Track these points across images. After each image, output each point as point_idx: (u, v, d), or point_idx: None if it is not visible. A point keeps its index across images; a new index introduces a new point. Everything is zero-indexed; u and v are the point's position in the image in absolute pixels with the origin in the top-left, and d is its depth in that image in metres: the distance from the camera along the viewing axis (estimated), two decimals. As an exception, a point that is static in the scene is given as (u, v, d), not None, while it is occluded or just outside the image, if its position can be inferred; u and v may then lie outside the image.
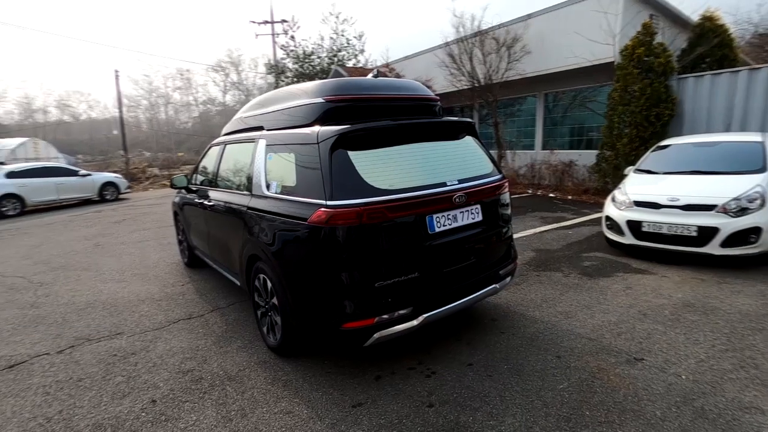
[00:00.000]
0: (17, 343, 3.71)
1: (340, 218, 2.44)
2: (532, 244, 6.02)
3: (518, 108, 12.94)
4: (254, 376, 2.95)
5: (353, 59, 19.16)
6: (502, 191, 3.26)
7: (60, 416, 2.62)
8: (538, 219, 7.63)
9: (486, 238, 3.08)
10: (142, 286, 5.08)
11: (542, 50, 10.59)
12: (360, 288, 2.53)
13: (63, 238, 8.30)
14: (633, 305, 3.74)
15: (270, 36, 24.87)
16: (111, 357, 3.36)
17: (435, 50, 13.08)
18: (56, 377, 3.10)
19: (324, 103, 2.94)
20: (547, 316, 3.63)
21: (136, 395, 2.80)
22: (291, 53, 18.94)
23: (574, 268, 4.86)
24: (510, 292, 4.21)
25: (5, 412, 2.70)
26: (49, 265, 6.28)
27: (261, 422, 2.43)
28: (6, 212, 11.48)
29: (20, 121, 60.18)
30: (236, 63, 61.27)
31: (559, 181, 10.79)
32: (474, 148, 3.29)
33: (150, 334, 3.73)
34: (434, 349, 3.15)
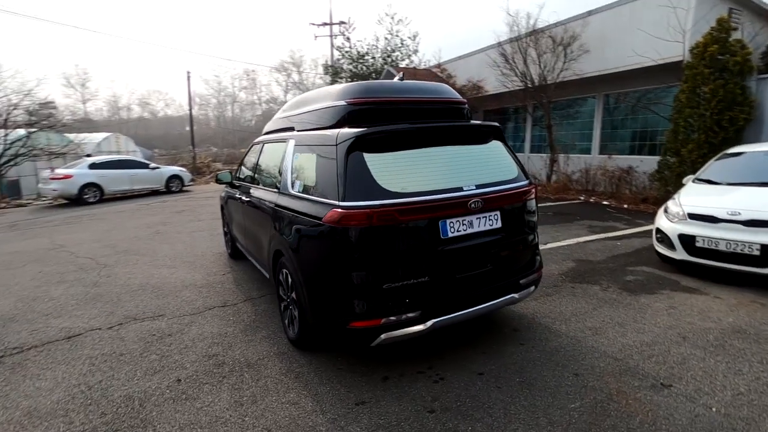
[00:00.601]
0: (77, 317, 4.16)
1: (351, 219, 2.50)
2: (574, 254, 5.72)
3: (575, 110, 12.29)
4: (271, 366, 3.09)
5: (406, 59, 19.18)
6: (526, 198, 3.15)
7: (99, 386, 2.91)
8: (586, 228, 7.23)
9: (505, 246, 2.99)
10: (188, 273, 5.48)
11: (602, 49, 9.99)
12: (368, 288, 2.57)
13: (130, 225, 9.14)
14: (673, 327, 3.46)
15: (328, 37, 25.61)
16: (150, 336, 3.67)
17: (487, 50, 12.78)
18: (102, 350, 3.44)
19: (346, 105, 3.01)
20: (574, 330, 3.45)
21: (165, 373, 3.04)
22: (346, 54, 19.33)
23: (614, 282, 4.57)
24: (539, 303, 4.05)
25: (57, 377, 3.05)
26: (114, 249, 6.95)
27: (268, 410, 2.56)
28: (87, 199, 12.82)
29: (108, 118, 66.70)
30: (298, 64, 63.73)
31: (615, 188, 10.14)
32: (499, 152, 3.21)
33: (187, 318, 4.03)
34: (447, 354, 3.12)
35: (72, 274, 5.60)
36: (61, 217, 10.78)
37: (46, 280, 5.37)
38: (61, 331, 3.86)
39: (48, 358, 3.34)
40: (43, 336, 3.76)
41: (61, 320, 4.10)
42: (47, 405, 2.71)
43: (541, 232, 6.90)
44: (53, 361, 3.30)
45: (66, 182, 12.50)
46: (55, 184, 12.50)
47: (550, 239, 6.49)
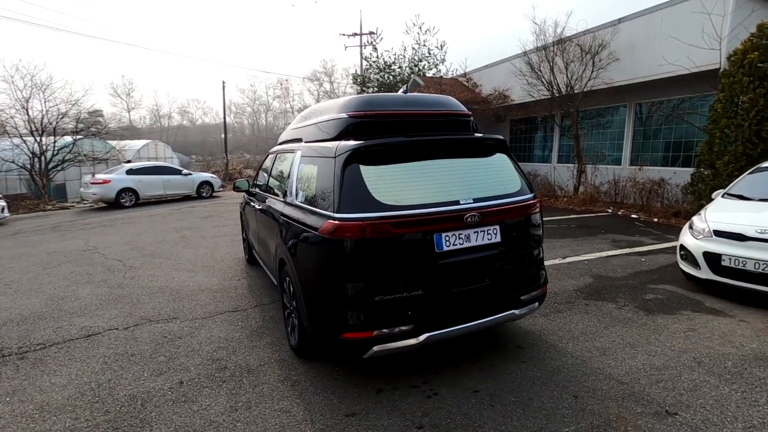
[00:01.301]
0: (98, 317, 4.38)
1: (345, 231, 2.53)
2: (593, 269, 5.53)
3: (606, 119, 11.92)
4: (270, 373, 3.15)
5: (433, 69, 19.21)
6: (530, 212, 3.08)
7: (108, 384, 3.06)
8: (609, 242, 6.97)
9: (505, 261, 2.94)
10: (206, 277, 5.67)
11: (632, 57, 9.68)
12: (360, 300, 2.58)
13: (159, 229, 9.54)
14: (689, 350, 3.27)
15: (358, 47, 26.03)
16: (162, 338, 3.82)
17: (513, 59, 12.63)
18: (116, 350, 3.61)
19: (347, 118, 3.06)
20: (581, 350, 3.33)
21: (170, 375, 3.16)
22: (373, 64, 19.57)
23: (632, 300, 4.38)
24: (548, 320, 3.94)
25: (71, 374, 3.22)
26: (141, 252, 7.28)
27: (260, 417, 2.60)
28: (124, 203, 13.50)
29: (150, 125, 70.21)
30: (329, 73, 64.97)
31: (645, 201, 9.73)
32: (502, 165, 3.17)
33: (198, 322, 4.16)
34: (445, 370, 3.08)
35: (100, 275, 5.90)
36: (98, 219, 11.40)
37: (76, 280, 5.69)
38: (82, 329, 4.07)
39: (66, 355, 3.53)
40: (65, 334, 3.98)
41: (84, 319, 4.33)
42: (58, 400, 2.86)
43: (560, 245, 6.76)
44: (71, 358, 3.48)
45: (105, 187, 13.22)
46: (95, 188, 13.24)
47: (569, 253, 6.30)
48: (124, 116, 67.19)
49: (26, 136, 16.01)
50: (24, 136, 15.99)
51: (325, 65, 71.16)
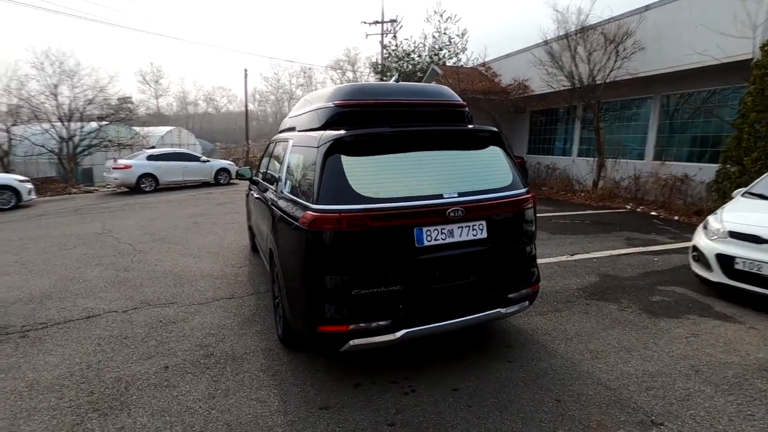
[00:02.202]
0: (101, 299, 4.50)
1: (322, 223, 2.49)
2: (601, 267, 5.33)
3: (631, 111, 11.42)
4: (253, 361, 3.16)
5: (454, 58, 18.86)
6: (522, 207, 2.96)
7: (97, 365, 3.13)
8: (623, 239, 6.71)
9: (492, 257, 2.84)
10: (210, 263, 5.75)
11: (659, 46, 9.20)
12: (337, 293, 2.55)
13: (174, 215, 9.75)
14: (688, 357, 3.11)
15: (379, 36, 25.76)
16: (157, 322, 3.89)
17: (534, 48, 12.22)
18: (111, 332, 3.70)
19: (333, 107, 3.00)
20: (572, 352, 3.21)
21: (157, 359, 3.21)
22: (393, 52, 19.35)
23: (636, 302, 4.20)
24: (544, 319, 3.82)
25: (65, 354, 3.32)
26: (153, 237, 7.45)
27: (235, 405, 2.61)
28: (144, 188, 13.86)
29: (177, 112, 71.74)
30: (352, 62, 64.65)
31: (666, 198, 9.32)
32: (494, 159, 3.05)
33: (194, 308, 4.22)
34: (427, 366, 3.02)
35: (110, 258, 6.07)
36: (118, 204, 11.74)
37: (87, 262, 5.87)
38: (83, 311, 4.19)
39: (65, 336, 3.64)
40: (68, 314, 4.10)
41: (87, 301, 4.46)
42: (48, 379, 2.95)
43: (570, 241, 6.55)
44: (68, 338, 3.59)
45: (126, 172, 13.59)
46: (117, 173, 13.64)
47: (578, 250, 6.10)
48: (152, 103, 68.88)
49: (55, 122, 16.57)
50: (53, 122, 16.55)
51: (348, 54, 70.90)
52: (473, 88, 13.44)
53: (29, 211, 10.76)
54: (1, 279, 5.24)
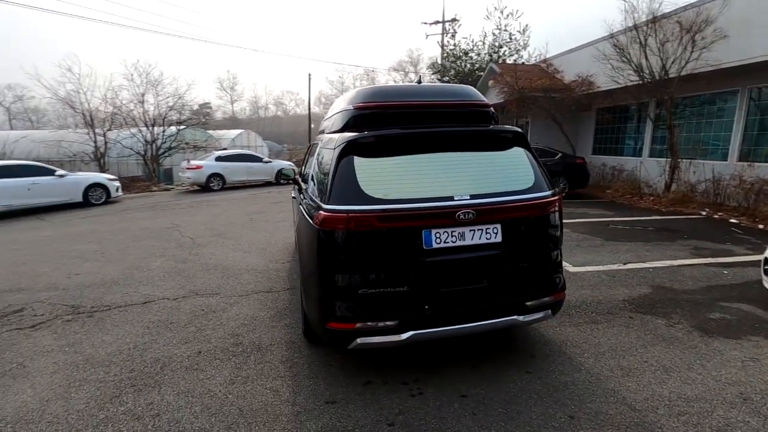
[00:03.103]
0: (158, 287, 4.98)
1: (331, 222, 2.56)
2: (656, 278, 4.88)
3: (709, 108, 10.29)
4: (276, 353, 3.33)
5: (515, 55, 18.19)
6: (544, 210, 2.82)
7: (142, 346, 3.48)
8: (689, 249, 6.08)
9: (507, 262, 2.74)
10: (256, 258, 6.11)
11: (747, 33, 8.19)
12: (344, 292, 2.61)
13: (233, 212, 10.46)
14: (738, 383, 2.77)
15: (440, 36, 25.56)
16: (200, 310, 4.23)
17: (599, 42, 11.44)
18: (160, 317, 4.08)
19: (352, 110, 3.06)
20: (601, 367, 2.99)
21: (193, 344, 3.50)
22: (451, 52, 19.11)
23: (689, 318, 3.80)
24: (577, 330, 3.59)
25: (119, 334, 3.73)
26: (212, 231, 8.06)
27: (251, 392, 2.78)
28: (212, 187, 15.00)
29: (249, 116, 76.66)
30: (415, 62, 64.72)
31: (751, 203, 8.27)
32: (516, 160, 2.93)
33: (234, 299, 4.53)
34: (442, 370, 2.98)
35: (172, 250, 6.67)
36: (188, 201, 12.83)
37: (153, 253, 6.51)
38: (142, 296, 4.67)
39: (122, 318, 4.08)
40: (129, 299, 4.59)
41: (147, 288, 4.95)
42: (101, 355, 3.34)
43: (625, 249, 6.08)
44: (125, 320, 4.02)
45: (197, 172, 14.79)
46: (189, 173, 14.89)
47: (633, 258, 5.63)
48: (227, 108, 74.24)
49: (141, 127, 18.47)
50: (139, 127, 18.47)
51: (411, 54, 70.98)
52: (532, 85, 12.89)
53: (116, 206, 12.11)
54: (84, 265, 5.98)
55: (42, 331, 3.82)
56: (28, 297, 4.76)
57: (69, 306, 4.43)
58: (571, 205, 9.95)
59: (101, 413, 2.59)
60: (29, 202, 11.02)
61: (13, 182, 10.66)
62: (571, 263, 5.46)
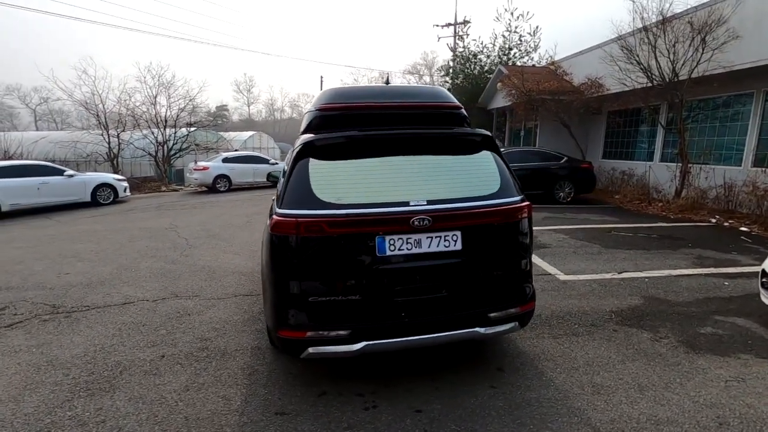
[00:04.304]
0: (141, 288, 4.97)
1: (282, 227, 2.48)
2: (651, 289, 4.66)
3: (723, 111, 9.90)
4: (239, 359, 3.26)
5: (525, 57, 17.90)
6: (510, 217, 2.68)
7: (110, 348, 3.45)
8: (691, 258, 5.81)
9: (467, 271, 2.61)
10: (245, 260, 6.07)
11: (760, 34, 7.87)
12: (296, 299, 2.52)
13: (234, 213, 10.50)
14: (717, 405, 2.57)
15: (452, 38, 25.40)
16: (175, 313, 4.19)
17: (608, 44, 11.15)
18: (134, 319, 4.06)
19: (315, 112, 2.98)
20: (571, 384, 2.83)
21: (159, 348, 3.45)
22: (460, 54, 18.93)
23: (677, 332, 3.60)
24: (555, 342, 3.43)
25: (90, 335, 3.71)
26: (207, 233, 8.09)
27: (201, 400, 2.71)
28: (219, 188, 15.14)
29: (265, 118, 77.58)
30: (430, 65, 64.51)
31: (764, 211, 7.90)
32: (481, 164, 2.81)
33: (212, 302, 4.48)
34: (402, 382, 2.86)
35: (164, 251, 6.70)
36: (193, 202, 12.96)
37: (144, 254, 6.54)
38: (123, 298, 4.66)
39: (98, 319, 4.07)
40: (109, 300, 4.59)
41: (130, 289, 4.95)
42: (66, 357, 3.32)
43: (623, 257, 5.84)
44: (99, 321, 4.01)
45: (204, 173, 14.95)
46: (196, 174, 15.07)
47: (629, 267, 5.40)
48: (244, 110, 75.30)
49: (153, 128, 18.81)
50: (151, 128, 18.81)
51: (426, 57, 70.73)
52: (539, 88, 12.64)
53: (122, 206, 12.31)
54: (77, 265, 6.04)
55: (16, 331, 3.84)
56: (14, 296, 4.81)
57: (50, 306, 4.45)
58: (575, 211, 9.68)
59: (48, 418, 2.55)
60: (39, 201, 11.27)
61: (23, 181, 10.93)
62: (563, 271, 5.27)
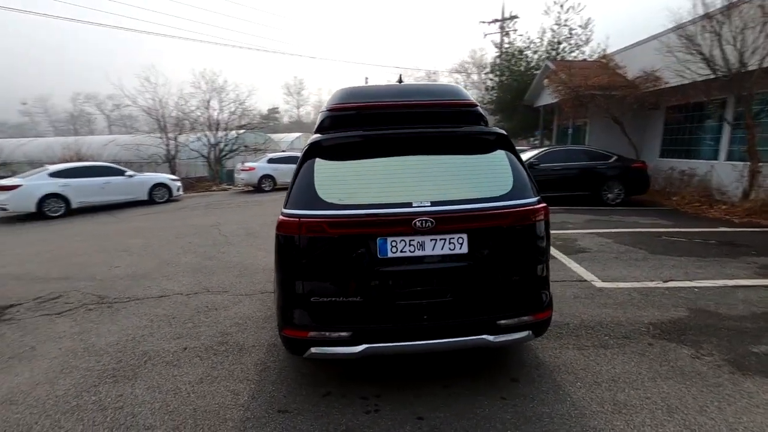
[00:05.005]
0: (178, 282, 5.25)
1: (286, 227, 2.51)
2: (700, 300, 4.25)
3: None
4: (254, 354, 3.34)
5: (575, 51, 17.02)
6: (523, 219, 2.53)
7: (140, 338, 3.67)
8: (754, 267, 5.23)
9: (474, 276, 2.49)
10: (276, 258, 6.23)
11: None
12: (300, 299, 2.53)
13: (274, 212, 10.75)
14: None
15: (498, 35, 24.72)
16: (204, 307, 4.38)
17: (663, 35, 10.32)
18: (167, 311, 4.29)
19: (326, 112, 2.98)
20: (590, 400, 2.63)
21: (183, 341, 3.62)
22: (505, 51, 18.35)
23: (724, 350, 3.24)
24: (580, 354, 3.21)
25: (125, 325, 3.96)
26: (246, 231, 8.41)
27: (212, 392, 2.80)
28: (264, 188, 15.73)
29: (313, 120, 79.58)
30: (478, 63, 63.18)
31: None
32: (493, 164, 2.67)
33: (239, 298, 4.64)
34: (407, 387, 2.79)
35: (204, 247, 7.04)
36: (238, 201, 13.55)
37: (186, 250, 6.91)
38: (160, 291, 4.95)
39: (135, 310, 4.35)
40: (148, 292, 4.90)
41: (168, 282, 5.25)
42: (101, 344, 3.56)
43: (672, 264, 5.38)
44: (135, 313, 4.28)
45: (250, 173, 15.59)
46: (243, 174, 15.75)
47: (678, 275, 4.95)
48: (294, 112, 77.77)
49: (206, 131, 19.88)
50: (204, 131, 19.90)
51: (474, 55, 69.23)
52: (588, 83, 11.96)
53: (175, 205, 13.11)
54: (127, 258, 6.51)
55: (64, 318, 4.19)
56: (69, 285, 5.25)
57: (97, 296, 4.82)
58: (623, 213, 9.05)
59: (75, 401, 2.74)
60: (103, 200, 12.27)
61: (90, 181, 11.94)
62: (601, 277, 4.93)
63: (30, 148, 23.65)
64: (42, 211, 10.87)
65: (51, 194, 11.05)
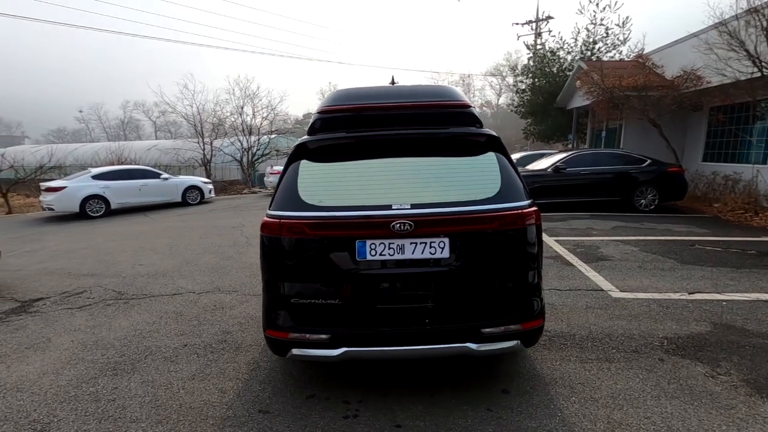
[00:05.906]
0: (194, 281, 5.43)
1: (268, 228, 2.53)
2: (726, 314, 3.93)
3: None
4: (250, 353, 3.38)
5: (612, 51, 16.32)
6: (506, 224, 2.43)
7: (146, 334, 3.81)
8: (794, 281, 4.79)
9: (456, 281, 2.41)
10: (290, 260, 6.32)
11: None
12: (279, 300, 2.54)
13: (298, 215, 11.01)
14: (768, 465, 2.06)
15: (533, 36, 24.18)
16: (212, 305, 4.50)
17: (703, 32, 9.72)
18: (176, 309, 4.43)
19: (317, 114, 2.99)
20: (582, 416, 2.47)
21: (185, 337, 3.72)
22: (538, 52, 17.88)
23: (744, 370, 2.97)
24: (582, 367, 3.04)
25: (136, 320, 4.13)
26: (267, 233, 8.58)
27: (200, 390, 2.85)
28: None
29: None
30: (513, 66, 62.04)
31: None
32: (481, 166, 2.59)
33: (246, 298, 4.73)
34: (391, 393, 2.73)
35: (224, 248, 7.25)
36: (264, 203, 13.85)
37: (208, 250, 7.14)
38: (175, 289, 5.13)
39: (147, 306, 4.53)
40: (163, 290, 5.09)
41: (184, 281, 5.44)
42: (110, 338, 3.73)
43: (701, 275, 5.03)
44: (147, 309, 4.45)
45: (277, 177, 15.91)
46: (271, 177, 16.17)
47: (706, 287, 4.61)
48: (327, 117, 79.31)
49: (240, 136, 20.58)
50: (238, 136, 20.61)
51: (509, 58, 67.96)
52: (621, 84, 11.43)
53: (206, 207, 13.61)
54: (152, 257, 6.81)
55: (83, 312, 4.41)
56: (95, 281, 5.54)
57: (117, 292, 5.06)
58: (655, 220, 8.55)
59: (74, 391, 2.88)
60: (140, 201, 12.92)
61: (128, 183, 12.61)
62: (619, 287, 4.67)
63: (80, 152, 25.37)
64: (84, 212, 11.58)
65: (93, 195, 11.76)
